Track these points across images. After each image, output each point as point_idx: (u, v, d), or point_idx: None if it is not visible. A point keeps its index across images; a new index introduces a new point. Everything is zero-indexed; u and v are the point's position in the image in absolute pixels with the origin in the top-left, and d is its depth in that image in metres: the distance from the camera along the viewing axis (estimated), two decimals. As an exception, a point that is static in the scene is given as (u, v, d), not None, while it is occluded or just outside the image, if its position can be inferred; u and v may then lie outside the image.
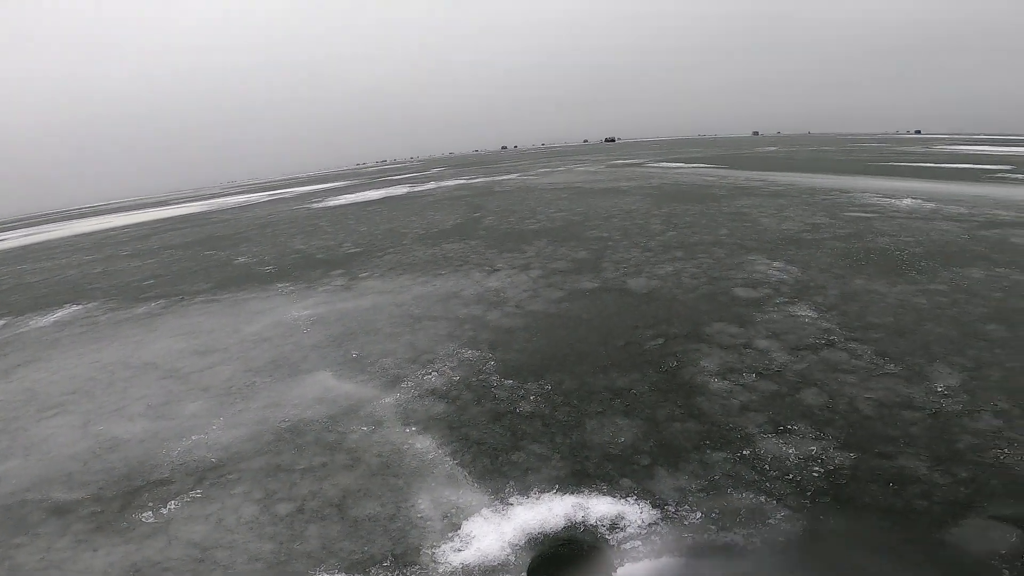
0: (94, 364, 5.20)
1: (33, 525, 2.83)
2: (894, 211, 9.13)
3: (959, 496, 2.41)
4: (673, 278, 6.07)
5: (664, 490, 2.62)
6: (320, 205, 20.72)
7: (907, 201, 10.11)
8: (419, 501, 2.72)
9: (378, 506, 2.71)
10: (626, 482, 2.71)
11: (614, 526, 2.40)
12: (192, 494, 2.94)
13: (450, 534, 2.47)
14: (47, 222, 41.43)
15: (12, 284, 11.07)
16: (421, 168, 53.55)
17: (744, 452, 2.87)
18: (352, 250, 9.72)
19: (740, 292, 5.41)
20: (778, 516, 2.39)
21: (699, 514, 2.43)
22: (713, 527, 2.36)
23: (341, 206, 19.18)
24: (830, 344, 4.06)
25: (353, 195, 24.09)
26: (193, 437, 3.56)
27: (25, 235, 28.50)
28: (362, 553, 2.41)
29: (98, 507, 2.92)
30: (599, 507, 2.52)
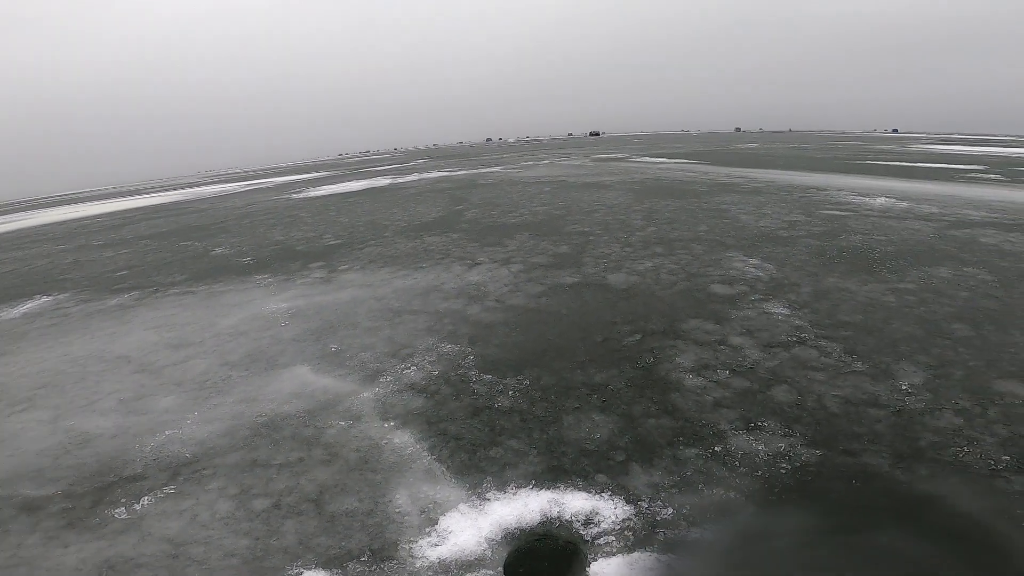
0: (64, 357, 5.10)
1: (2, 522, 2.78)
2: (868, 210, 9.34)
3: (918, 494, 2.50)
4: (652, 274, 6.14)
5: (638, 486, 2.68)
6: (300, 196, 20.43)
7: (881, 200, 10.34)
8: (397, 496, 2.74)
9: (356, 501, 2.72)
10: (601, 478, 2.75)
11: (588, 521, 2.44)
12: (166, 490, 2.91)
13: (427, 529, 2.49)
14: (15, 211, 40.18)
15: (-22, 273, 10.74)
16: (404, 159, 53.06)
17: (716, 448, 2.94)
18: (332, 242, 9.63)
19: (717, 289, 5.50)
20: (747, 512, 2.46)
21: (670, 510, 2.49)
22: (684, 523, 2.42)
23: (322, 197, 18.94)
24: (801, 342, 4.16)
25: (334, 186, 23.80)
26: (167, 432, 3.52)
27: (-8, 222, 27.60)
28: (339, 548, 2.42)
29: (69, 503, 2.88)
30: (574, 503, 2.56)
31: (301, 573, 2.29)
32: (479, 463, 2.97)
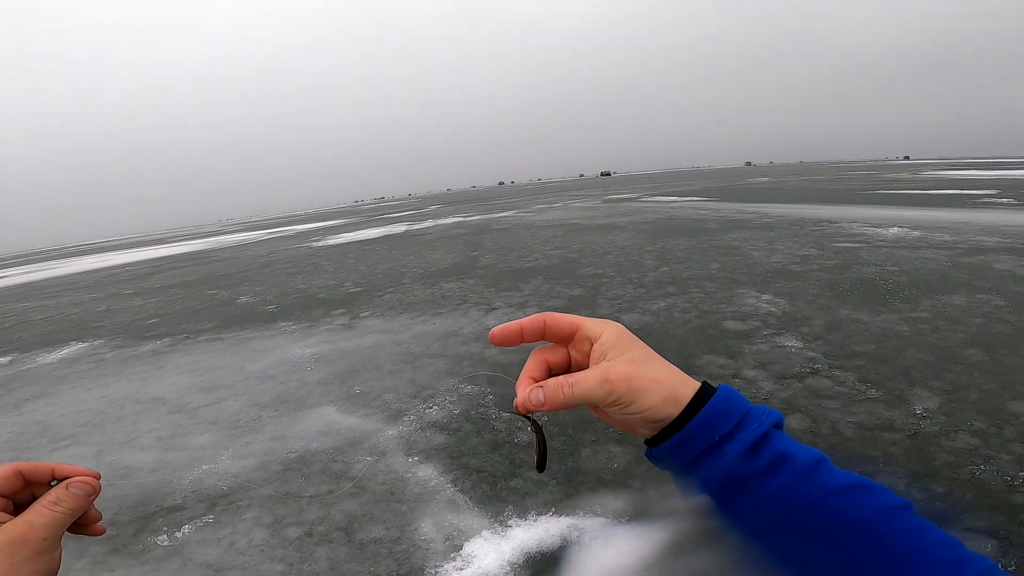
0: (103, 399, 5.33)
1: (49, 556, 2.93)
2: (880, 240, 9.42)
3: (935, 510, 2.55)
4: (665, 313, 6.26)
5: (655, 511, 2.75)
6: (320, 244, 21.06)
7: (893, 230, 10.42)
8: (422, 525, 2.84)
9: (383, 530, 2.83)
10: (618, 504, 2.84)
11: (607, 545, 2.52)
12: (205, 519, 3.05)
13: (452, 555, 2.59)
14: (48, 259, 41.75)
15: (16, 321, 11.22)
16: (419, 205, 54.40)
17: (732, 474, 3.01)
18: (353, 289, 9.93)
19: (730, 325, 5.60)
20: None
21: (689, 529, 2.56)
22: (700, 540, 2.48)
23: (341, 245, 19.51)
24: (815, 372, 4.23)
25: (352, 233, 24.49)
26: (203, 467, 3.68)
27: (27, 272, 28.75)
28: (369, 573, 2.52)
29: (113, 531, 3.04)
30: (593, 527, 2.65)
31: (333, 599, 2.40)
32: (500, 493, 3.07)
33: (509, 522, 2.79)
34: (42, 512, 0.47)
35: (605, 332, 0.50)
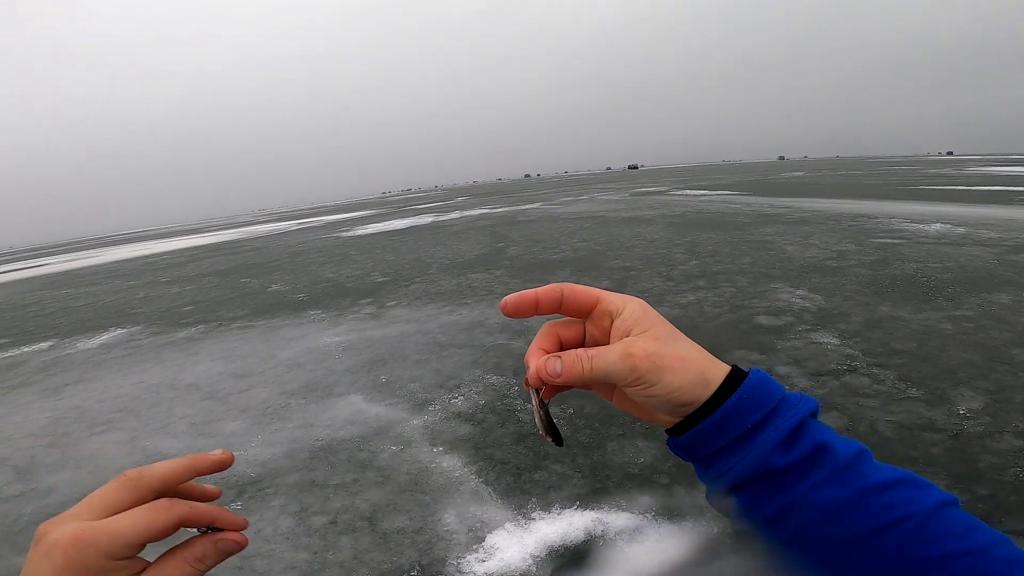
0: (139, 385, 5.50)
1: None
2: (923, 237, 9.06)
3: (977, 512, 2.43)
4: (695, 307, 6.14)
5: (683, 507, 2.70)
6: (348, 234, 21.34)
7: (936, 226, 10.01)
8: (445, 516, 2.85)
9: (407, 520, 2.84)
10: (645, 500, 2.79)
11: (632, 540, 2.48)
12: (233, 506, 3.11)
13: (475, 546, 2.59)
14: (90, 247, 43.35)
15: (57, 308, 11.67)
16: (445, 197, 54.63)
17: (763, 474, 2.93)
18: (380, 279, 10.02)
19: (762, 320, 5.46)
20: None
21: (716, 530, 2.50)
22: (728, 540, 2.43)
23: (369, 235, 19.73)
24: (852, 370, 4.09)
25: (380, 224, 24.75)
26: (234, 453, 3.75)
27: (69, 260, 29.92)
28: (391, 563, 2.54)
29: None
30: (618, 522, 2.61)
31: (356, 587, 2.42)
32: (524, 485, 3.05)
33: (532, 515, 2.77)
34: (182, 567, 0.41)
35: (628, 306, 0.45)
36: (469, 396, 4.34)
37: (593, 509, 2.75)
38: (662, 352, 0.42)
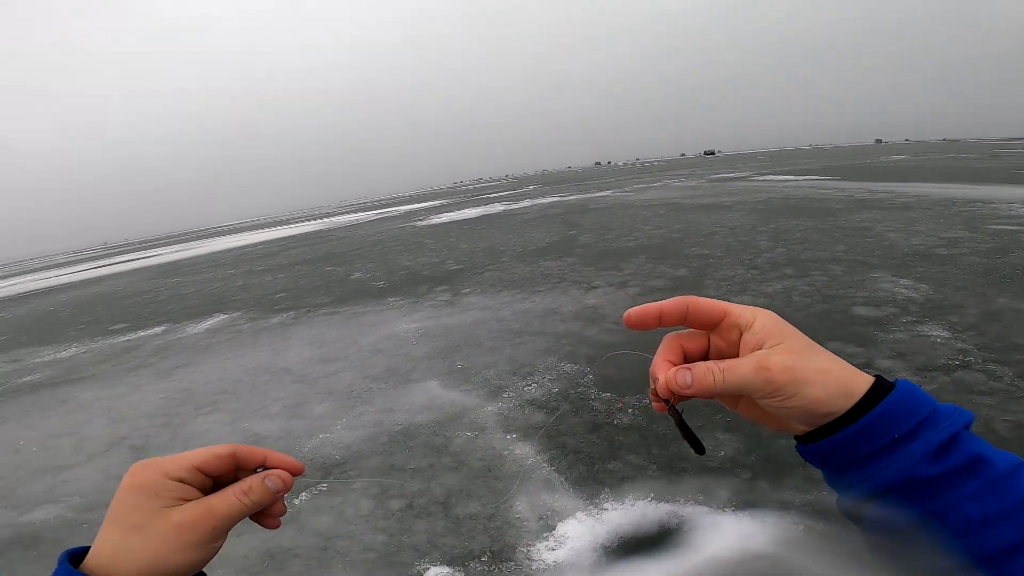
0: (239, 368, 5.96)
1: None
2: (1051, 221, 8.03)
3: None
4: (783, 296, 5.79)
5: (765, 503, 2.56)
6: (423, 223, 21.94)
7: (1069, 210, 8.83)
8: (517, 503, 2.87)
9: (479, 506, 2.89)
10: (724, 494, 2.67)
11: (710, 534, 2.38)
12: (319, 487, 3.30)
13: (545, 534, 2.59)
14: (195, 238, 47.39)
15: (169, 295, 12.86)
16: (516, 186, 54.80)
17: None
18: (455, 267, 10.23)
19: (860, 311, 5.05)
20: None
21: (801, 528, 2.35)
22: (810, 539, 2.28)
23: (443, 224, 20.19)
24: (965, 365, 3.70)
25: (453, 213, 25.24)
26: (321, 436, 3.98)
27: (175, 251, 32.91)
28: (463, 548, 2.59)
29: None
30: (695, 516, 2.51)
31: (428, 569, 2.49)
32: (597, 475, 3.02)
33: (605, 505, 2.73)
34: (228, 500, 0.45)
35: (759, 319, 0.45)
36: (543, 384, 4.34)
37: (668, 502, 2.67)
38: (800, 365, 0.42)
